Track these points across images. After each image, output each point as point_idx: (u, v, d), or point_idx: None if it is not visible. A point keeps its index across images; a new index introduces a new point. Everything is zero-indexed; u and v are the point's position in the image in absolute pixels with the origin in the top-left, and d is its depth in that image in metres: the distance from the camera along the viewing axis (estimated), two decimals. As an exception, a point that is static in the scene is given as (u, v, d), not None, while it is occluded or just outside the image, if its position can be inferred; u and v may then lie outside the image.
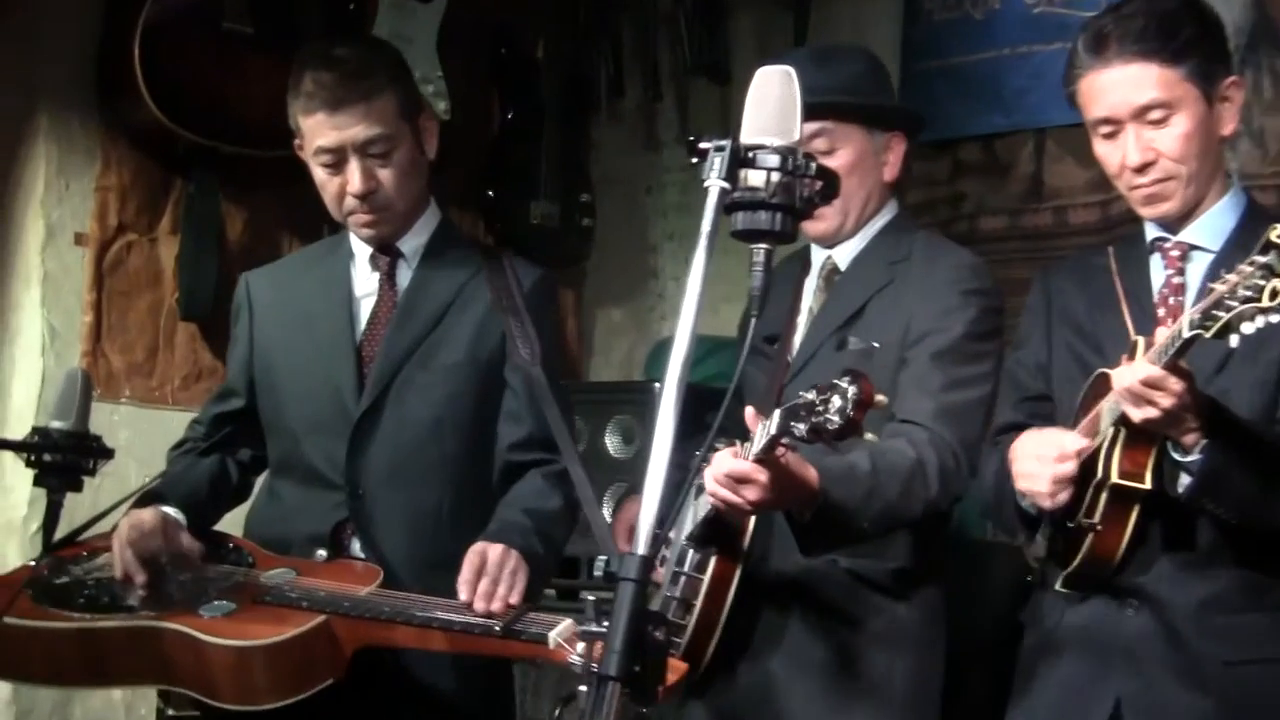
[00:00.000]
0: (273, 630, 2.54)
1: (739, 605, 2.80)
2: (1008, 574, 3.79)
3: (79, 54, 4.12)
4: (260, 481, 3.13)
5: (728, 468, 2.52)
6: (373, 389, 2.89)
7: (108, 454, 2.91)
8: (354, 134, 2.82)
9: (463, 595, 2.57)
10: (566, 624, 2.46)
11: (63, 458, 2.83)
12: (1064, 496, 2.54)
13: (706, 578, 2.78)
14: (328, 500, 2.88)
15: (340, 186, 2.88)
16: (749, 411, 2.57)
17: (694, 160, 1.91)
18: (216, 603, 2.66)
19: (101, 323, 4.16)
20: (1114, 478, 2.50)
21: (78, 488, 2.89)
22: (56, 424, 2.85)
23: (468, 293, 2.96)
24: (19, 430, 3.06)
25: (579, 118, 5.31)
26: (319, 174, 2.91)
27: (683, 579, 2.82)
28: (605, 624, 1.71)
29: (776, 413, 2.37)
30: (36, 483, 2.87)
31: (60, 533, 2.86)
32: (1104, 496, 2.53)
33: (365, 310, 2.98)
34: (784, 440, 2.39)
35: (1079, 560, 2.59)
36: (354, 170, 2.85)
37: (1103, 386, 2.56)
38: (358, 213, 2.90)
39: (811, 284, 3.12)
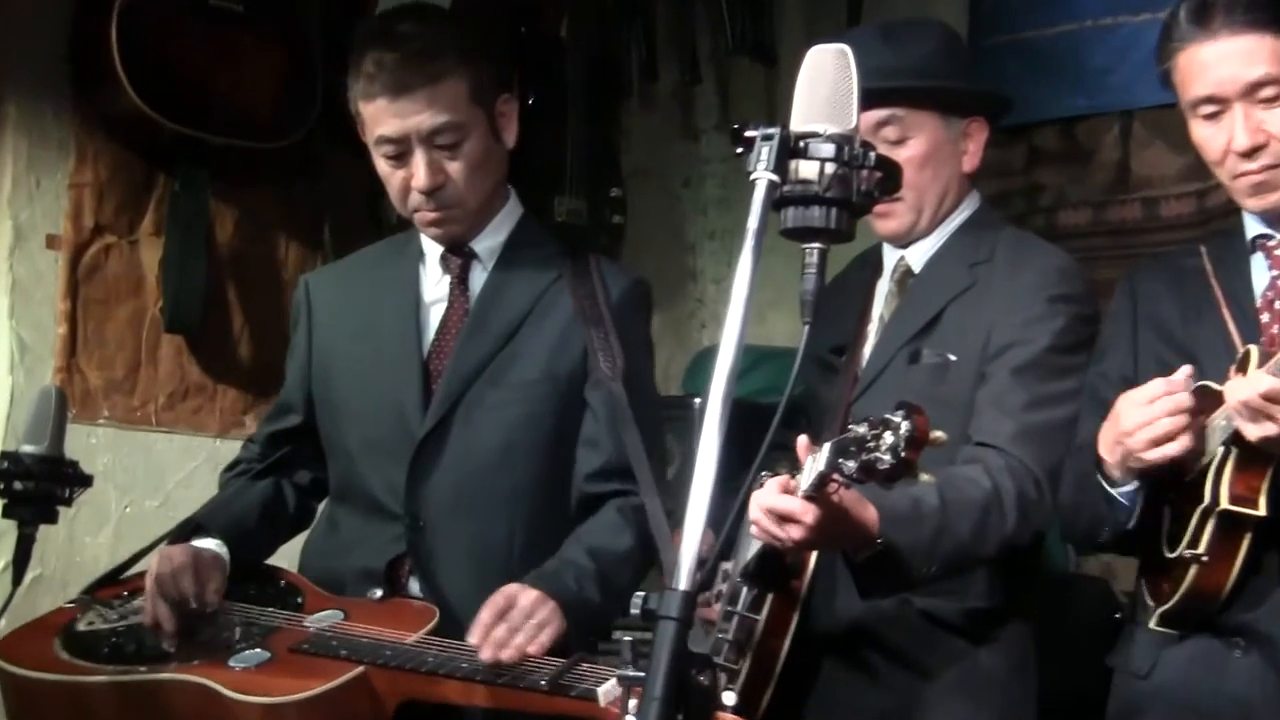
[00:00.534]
0: (303, 684, 2.54)
1: (798, 649, 2.80)
2: (1093, 610, 3.79)
3: (50, 36, 4.13)
4: (322, 507, 3.13)
5: (772, 503, 2.52)
6: (438, 408, 2.87)
7: (85, 481, 2.93)
8: (419, 122, 2.80)
9: (472, 639, 2.56)
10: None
11: (35, 486, 2.85)
12: (1185, 441, 2.49)
13: (762, 618, 2.78)
14: (386, 532, 2.87)
15: (404, 180, 2.86)
16: (801, 441, 2.56)
17: (738, 150, 1.91)
18: (250, 652, 2.66)
19: (77, 335, 4.17)
20: (1224, 503, 2.47)
21: (52, 519, 2.91)
22: (28, 448, 2.87)
23: (548, 300, 2.93)
24: (-15, 457, 3.08)
25: (608, 103, 5.33)
26: (381, 166, 2.89)
27: (736, 619, 2.82)
28: (643, 668, 1.71)
29: (826, 447, 2.37)
30: (5, 514, 2.89)
31: (31, 570, 2.87)
32: (1211, 524, 2.50)
33: (434, 318, 2.96)
34: (834, 478, 2.39)
35: (1180, 596, 2.57)
36: (419, 163, 2.82)
37: (1205, 402, 2.54)
38: (424, 210, 2.88)
39: (883, 288, 3.11)
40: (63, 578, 3.91)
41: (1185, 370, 2.53)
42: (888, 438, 2.21)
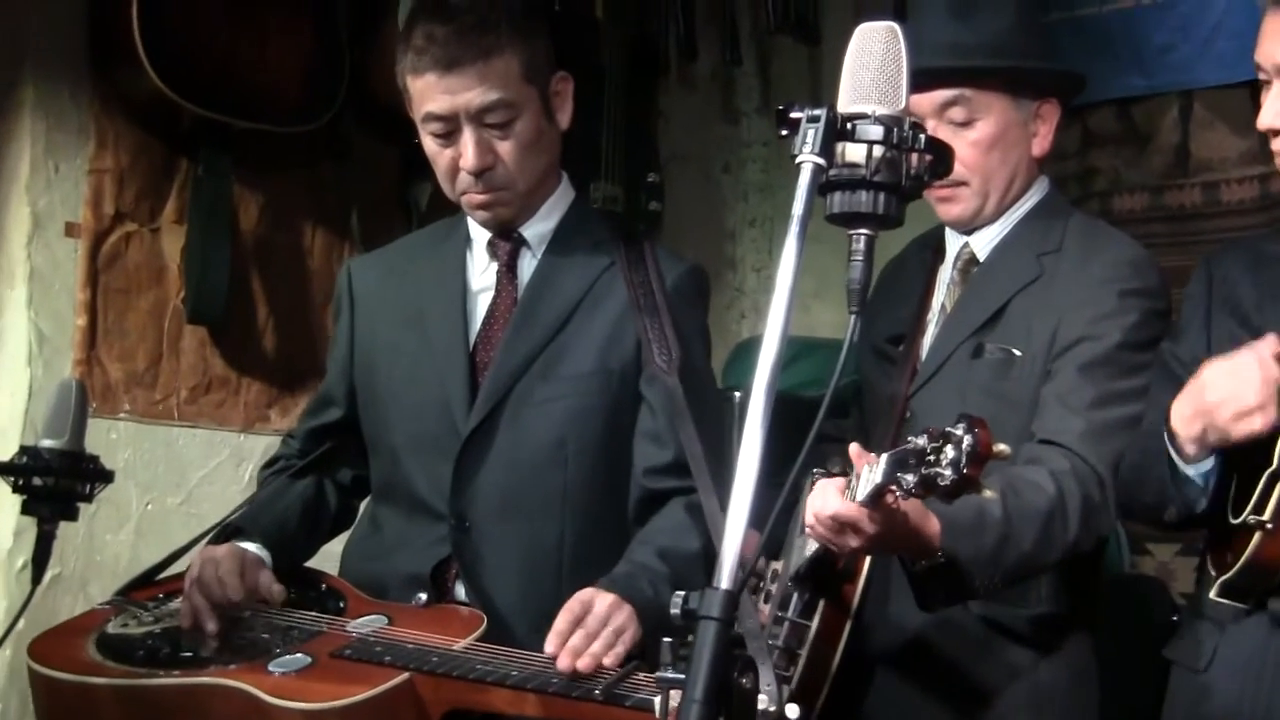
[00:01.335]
0: (346, 690, 2.52)
1: (850, 657, 2.79)
2: (1150, 612, 3.78)
3: (69, 17, 4.14)
4: (364, 506, 3.12)
5: (832, 510, 2.51)
6: (485, 402, 2.85)
7: (106, 477, 2.93)
8: (469, 99, 2.78)
9: (549, 647, 2.51)
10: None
11: (55, 482, 2.84)
12: (1273, 414, 2.46)
13: (814, 624, 2.77)
14: (430, 534, 2.86)
15: (452, 160, 2.84)
16: (853, 448, 2.55)
17: (782, 133, 1.90)
18: (291, 657, 2.64)
19: (97, 326, 4.18)
20: None
21: (72, 516, 2.91)
22: (47, 443, 2.86)
23: (600, 289, 2.91)
24: (3, 451, 3.09)
25: (645, 85, 5.33)
26: (429, 144, 2.88)
27: (787, 624, 2.81)
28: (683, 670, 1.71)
29: (883, 458, 2.35)
30: (25, 511, 2.89)
31: (51, 569, 2.88)
32: (1278, 490, 2.49)
33: (481, 307, 2.94)
34: (892, 489, 2.38)
35: (1241, 564, 2.56)
36: (468, 142, 2.80)
37: None
38: (472, 192, 2.86)
39: (945, 275, 3.09)
40: (82, 576, 3.93)
41: (1271, 339, 2.51)
42: (949, 452, 2.19)
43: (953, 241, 3.09)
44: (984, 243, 3.04)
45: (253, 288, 4.40)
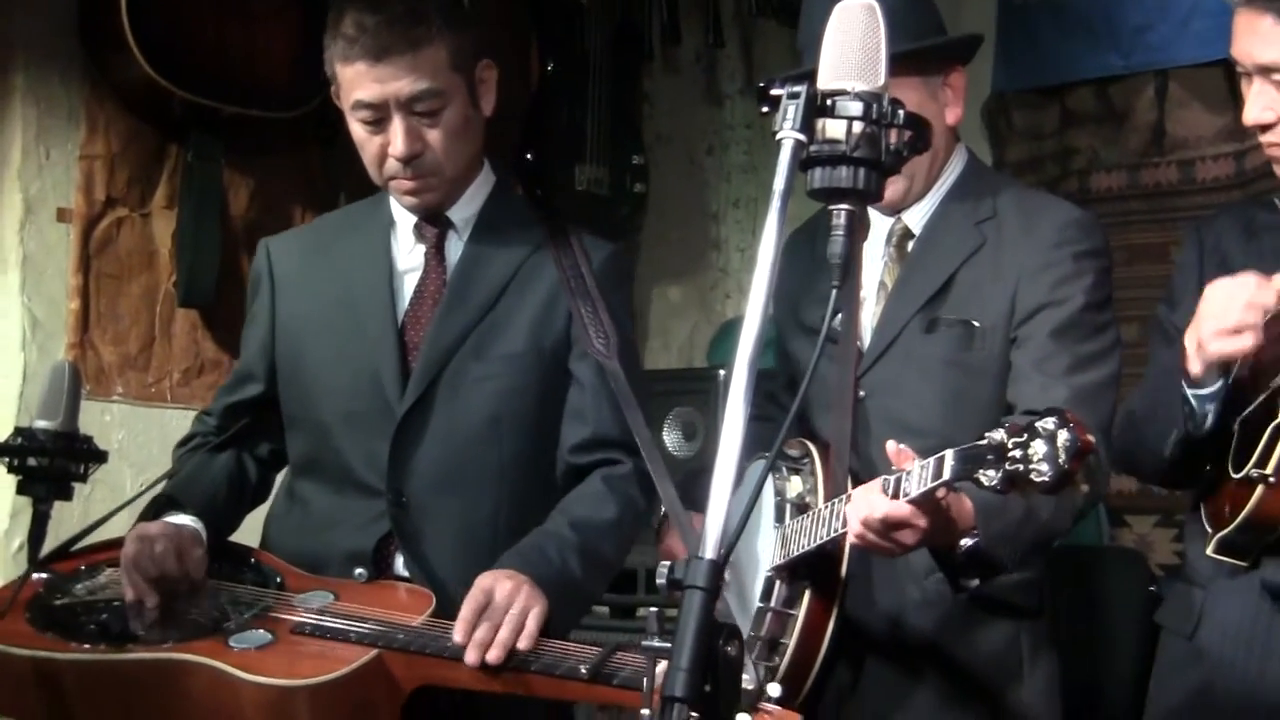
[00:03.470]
0: (318, 666, 2.49)
1: (837, 645, 2.79)
2: (1128, 583, 3.80)
3: (60, 4, 4.13)
4: (279, 481, 3.12)
5: (883, 513, 2.49)
6: (419, 381, 2.86)
7: (100, 457, 2.92)
8: (398, 88, 2.79)
9: (457, 638, 2.52)
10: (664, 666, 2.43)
11: (50, 462, 2.83)
12: (1252, 338, 2.46)
13: (800, 613, 2.77)
14: (368, 510, 2.86)
15: (381, 147, 2.85)
16: (890, 446, 2.52)
17: (764, 109, 1.89)
18: (250, 633, 2.61)
19: (89, 310, 4.19)
20: None
21: (67, 495, 2.90)
22: (42, 424, 2.85)
23: (528, 270, 2.93)
24: (-2, 433, 3.09)
25: (629, 69, 5.33)
26: (357, 131, 2.89)
27: (770, 614, 2.81)
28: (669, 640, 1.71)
29: (948, 455, 2.34)
30: (20, 491, 2.88)
31: (47, 546, 2.87)
32: None
33: (408, 288, 2.95)
34: (956, 485, 2.38)
35: (1242, 518, 2.56)
36: (397, 130, 2.82)
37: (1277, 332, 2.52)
38: (400, 178, 2.88)
39: (877, 253, 3.05)
40: (78, 556, 3.93)
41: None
42: (1038, 447, 2.19)
43: (879, 221, 3.05)
44: (917, 218, 3.02)
45: (242, 271, 4.38)
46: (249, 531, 3.06)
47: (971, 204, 2.98)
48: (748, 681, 2.05)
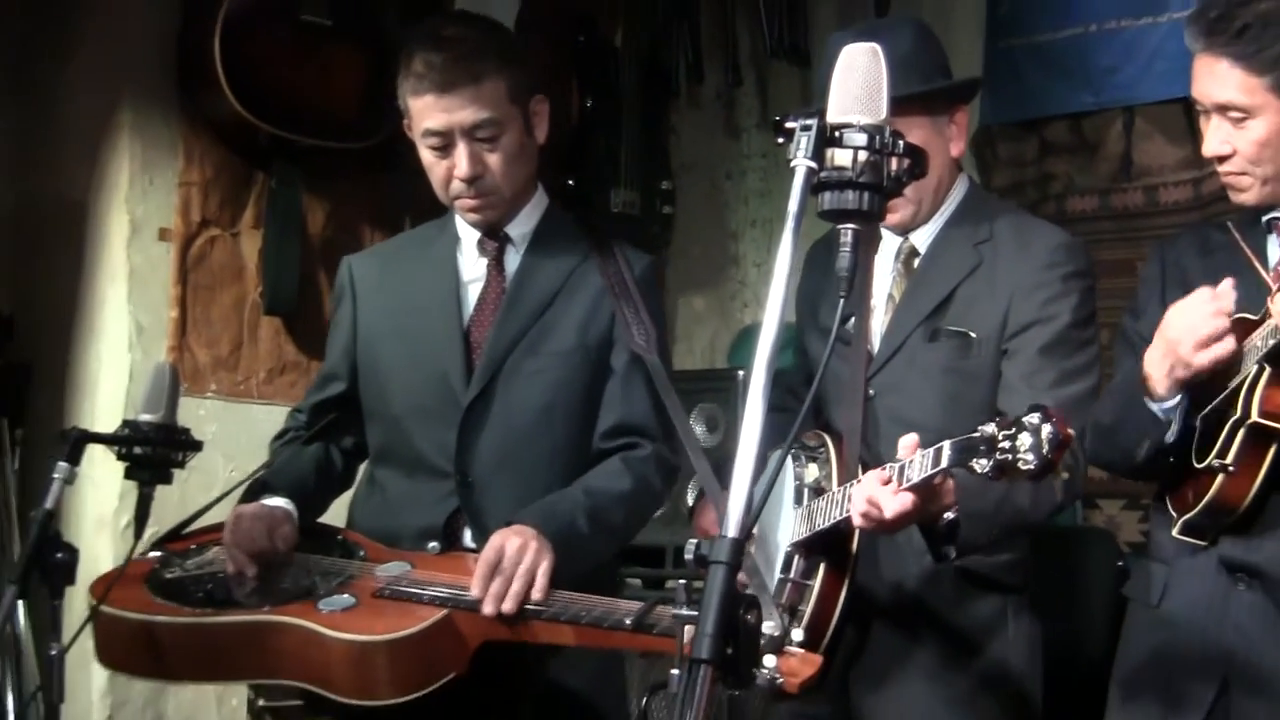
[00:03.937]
0: (396, 625, 2.53)
1: (849, 612, 2.79)
2: (1098, 560, 3.79)
3: (160, 50, 4.18)
4: (361, 470, 3.14)
5: (896, 508, 2.50)
6: (482, 375, 2.88)
7: (196, 446, 2.93)
8: (462, 117, 2.81)
9: (474, 592, 2.56)
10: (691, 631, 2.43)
11: (153, 451, 2.84)
12: (1231, 342, 2.46)
13: (816, 583, 2.77)
14: (437, 490, 2.88)
15: (447, 170, 2.87)
16: (905, 439, 2.53)
17: (779, 140, 1.90)
18: (337, 597, 2.66)
19: (186, 318, 4.21)
20: (1254, 416, 2.45)
21: (167, 480, 2.91)
22: (146, 417, 2.86)
23: (576, 279, 2.95)
24: (106, 426, 3.10)
25: (658, 104, 5.33)
26: (426, 156, 2.91)
27: (789, 585, 2.81)
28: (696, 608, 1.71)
29: (946, 446, 2.36)
30: (127, 476, 2.90)
31: (149, 527, 2.89)
32: (1240, 435, 2.48)
33: (473, 296, 2.97)
34: (952, 472, 2.40)
35: (1204, 504, 2.56)
36: (461, 154, 2.84)
37: (1239, 331, 2.50)
38: (464, 197, 2.89)
39: (886, 269, 3.05)
40: (176, 533, 3.95)
41: (1228, 282, 2.49)
42: (1025, 439, 2.21)
43: (890, 240, 3.04)
44: (923, 239, 3.01)
45: (320, 283, 4.41)
46: (337, 516, 3.07)
47: (971, 227, 2.98)
48: (773, 629, 2.07)
